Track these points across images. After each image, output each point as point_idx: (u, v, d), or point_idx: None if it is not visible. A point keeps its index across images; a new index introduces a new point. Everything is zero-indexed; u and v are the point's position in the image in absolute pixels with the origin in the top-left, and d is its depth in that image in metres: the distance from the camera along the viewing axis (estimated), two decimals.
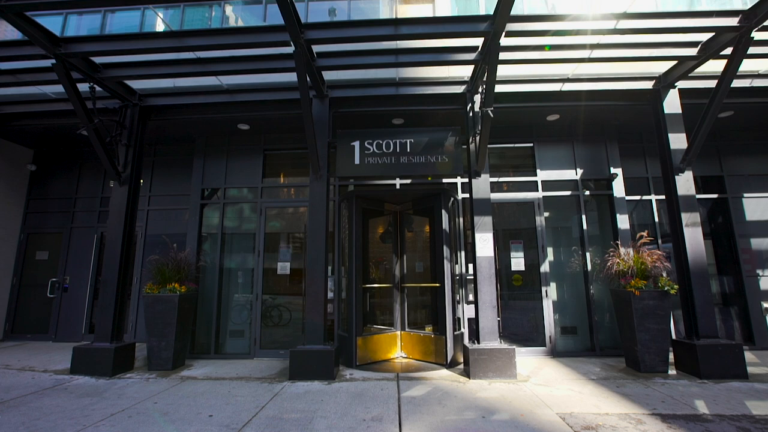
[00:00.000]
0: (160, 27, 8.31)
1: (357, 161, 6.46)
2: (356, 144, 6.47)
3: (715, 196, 8.06)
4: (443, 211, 6.57)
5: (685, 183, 6.23)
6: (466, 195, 7.33)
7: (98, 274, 8.74)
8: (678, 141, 6.36)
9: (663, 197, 7.24)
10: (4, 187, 9.00)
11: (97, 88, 6.42)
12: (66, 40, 5.64)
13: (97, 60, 6.14)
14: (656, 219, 7.94)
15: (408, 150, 6.44)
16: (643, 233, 6.34)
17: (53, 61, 5.61)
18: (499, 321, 7.17)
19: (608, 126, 7.68)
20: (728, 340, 5.61)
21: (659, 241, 7.91)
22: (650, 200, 8.01)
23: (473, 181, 6.01)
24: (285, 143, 7.92)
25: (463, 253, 7.31)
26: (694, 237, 6.06)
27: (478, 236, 5.94)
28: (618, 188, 7.45)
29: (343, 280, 7.08)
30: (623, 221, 7.33)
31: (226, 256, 7.73)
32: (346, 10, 7.09)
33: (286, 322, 7.58)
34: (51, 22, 8.17)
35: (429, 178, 7.37)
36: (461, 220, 7.39)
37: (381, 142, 6.50)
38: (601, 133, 7.72)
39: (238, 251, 7.78)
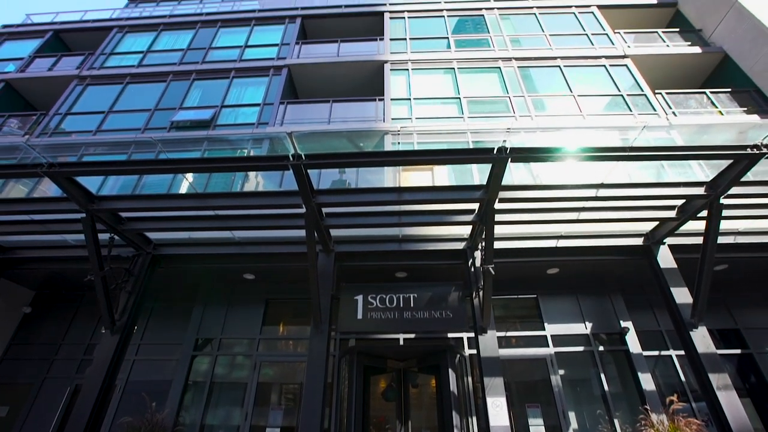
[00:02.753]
0: (186, 182, 9.23)
1: (360, 315, 6.35)
2: (359, 298, 6.47)
3: (738, 351, 7.61)
4: (450, 371, 6.13)
5: (702, 339, 5.95)
6: (473, 351, 6.95)
7: None
8: (682, 295, 6.32)
9: (683, 352, 6.82)
10: None
11: (116, 238, 6.76)
12: (100, 198, 6.18)
13: (124, 214, 6.64)
14: (682, 377, 7.31)
15: (411, 305, 6.40)
16: (672, 397, 5.74)
17: (83, 215, 6.03)
18: None
19: (609, 279, 7.79)
20: None
21: (692, 403, 7.11)
22: (670, 355, 7.53)
23: (480, 337, 5.77)
24: (288, 293, 7.95)
25: (474, 419, 6.49)
26: (730, 401, 5.47)
27: (489, 401, 5.37)
28: (633, 343, 7.11)
29: None
30: (647, 380, 6.76)
31: (211, 409, 6.94)
32: (354, 177, 8.05)
33: None
34: (90, 180, 9.15)
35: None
36: (470, 379, 6.82)
37: (384, 296, 6.51)
38: (604, 285, 7.78)
39: (224, 404, 7.03)
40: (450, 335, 7.26)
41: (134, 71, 11.89)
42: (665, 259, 6.68)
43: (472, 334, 7.20)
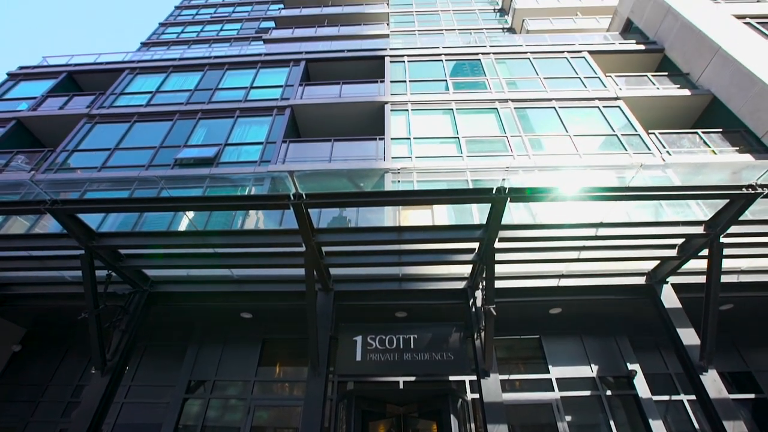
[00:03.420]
0: (187, 219, 9.21)
1: (359, 357, 6.17)
2: (358, 339, 6.32)
3: (752, 396, 7.32)
4: (452, 416, 5.86)
5: (713, 384, 5.74)
6: (476, 395, 6.68)
7: None
8: (689, 336, 6.17)
9: (695, 397, 6.55)
10: None
11: (113, 275, 6.69)
12: (100, 234, 6.16)
13: (123, 250, 6.61)
14: (695, 424, 6.99)
15: (411, 346, 6.24)
16: None
17: (82, 251, 5.99)
18: None
19: (614, 319, 7.63)
20: None
21: None
22: (681, 400, 7.23)
23: (482, 381, 5.57)
24: (285, 332, 7.79)
25: None
26: None
27: None
28: (641, 387, 6.85)
29: None
30: (658, 428, 6.47)
31: None
32: (355, 215, 8.09)
33: None
34: (91, 216, 9.14)
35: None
36: (473, 425, 6.51)
37: (384, 337, 6.36)
38: (608, 325, 7.62)
39: None
40: (452, 378, 7.02)
41: (142, 110, 12.28)
42: (669, 298, 6.58)
43: (474, 377, 6.97)
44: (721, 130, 10.51)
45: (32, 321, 8.91)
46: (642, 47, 13.79)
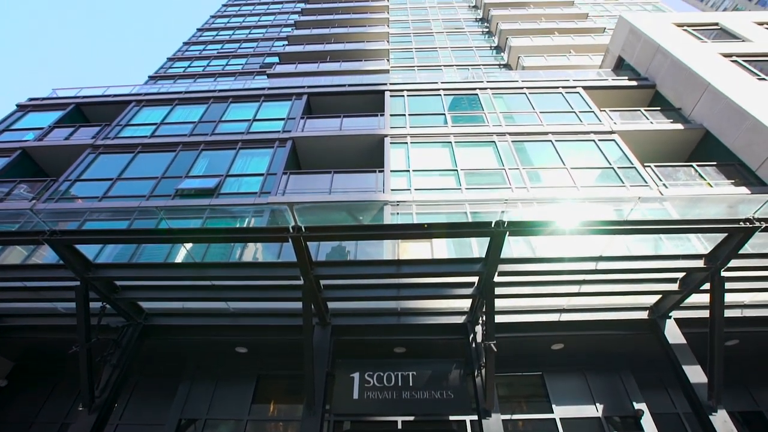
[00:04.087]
0: (184, 250, 9.15)
1: (356, 395, 5.97)
2: (356, 376, 6.14)
3: None
4: None
5: (724, 425, 5.52)
6: None
7: None
8: (695, 374, 5.99)
9: None
10: None
11: (108, 307, 6.57)
12: (97, 266, 6.11)
13: (119, 282, 6.53)
14: None
15: (410, 384, 6.05)
16: None
17: (78, 283, 5.92)
18: None
19: (617, 355, 7.45)
20: None
21: None
22: None
23: (483, 422, 5.37)
24: (281, 368, 7.56)
25: None
26: None
27: None
28: (649, 428, 6.59)
29: None
30: None
31: None
32: (354, 247, 8.07)
33: None
34: (88, 246, 9.09)
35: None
36: None
37: (382, 374, 6.18)
38: (612, 362, 7.42)
39: None
40: (452, 417, 6.75)
41: (146, 141, 12.50)
42: (673, 334, 6.44)
43: (475, 417, 6.71)
44: (715, 163, 10.68)
45: (21, 354, 8.66)
46: (634, 83, 14.25)
